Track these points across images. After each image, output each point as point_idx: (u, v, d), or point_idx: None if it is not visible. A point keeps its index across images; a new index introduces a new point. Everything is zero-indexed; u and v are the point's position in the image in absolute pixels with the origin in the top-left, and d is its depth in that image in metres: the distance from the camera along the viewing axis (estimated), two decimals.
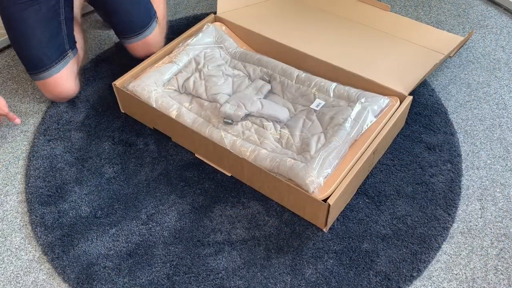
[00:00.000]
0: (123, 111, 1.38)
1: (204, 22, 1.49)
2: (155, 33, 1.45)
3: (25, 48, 1.28)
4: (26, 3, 1.25)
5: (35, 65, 1.30)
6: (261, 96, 1.26)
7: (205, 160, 1.24)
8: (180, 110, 1.24)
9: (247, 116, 1.22)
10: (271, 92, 1.30)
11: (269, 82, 1.31)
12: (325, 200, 1.02)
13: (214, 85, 1.28)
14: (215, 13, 1.51)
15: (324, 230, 1.09)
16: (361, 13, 1.53)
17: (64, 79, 1.34)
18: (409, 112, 1.35)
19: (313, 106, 1.24)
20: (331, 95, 1.25)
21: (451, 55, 1.44)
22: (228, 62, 1.39)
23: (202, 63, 1.37)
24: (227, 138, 1.16)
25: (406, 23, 1.48)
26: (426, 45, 1.41)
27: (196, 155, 1.26)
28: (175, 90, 1.32)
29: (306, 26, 1.50)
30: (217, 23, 1.48)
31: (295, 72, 1.31)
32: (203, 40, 1.42)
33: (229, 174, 1.21)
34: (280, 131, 1.19)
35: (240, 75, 1.34)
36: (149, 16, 1.44)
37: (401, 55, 1.37)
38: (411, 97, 1.23)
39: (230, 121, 1.19)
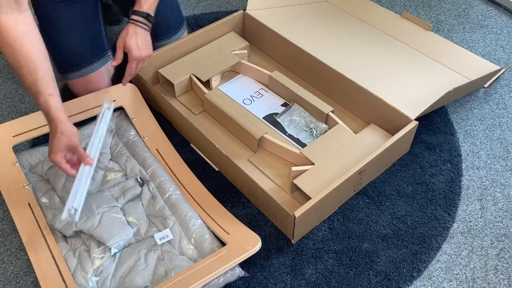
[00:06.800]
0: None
1: (233, 16, 1.48)
2: (185, 35, 1.45)
3: (65, 45, 1.22)
4: (67, 1, 1.24)
5: (76, 61, 1.27)
6: (123, 201, 1.09)
7: (198, 151, 1.25)
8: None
9: (81, 231, 1.04)
10: (138, 198, 1.12)
11: (142, 185, 1.13)
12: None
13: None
14: (244, 9, 1.51)
15: (292, 241, 1.08)
16: (400, 30, 1.47)
17: (102, 77, 1.32)
18: None
19: (157, 236, 1.04)
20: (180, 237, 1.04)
21: (485, 86, 1.42)
22: (114, 151, 1.22)
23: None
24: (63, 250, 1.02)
25: (444, 45, 1.42)
26: (458, 71, 1.35)
27: (191, 145, 1.27)
28: (40, 176, 1.17)
29: (336, 35, 1.47)
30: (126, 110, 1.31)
31: (170, 187, 1.12)
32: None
33: (217, 169, 1.22)
34: (105, 262, 1.00)
35: (114, 169, 1.17)
36: (181, 16, 1.45)
37: (427, 77, 1.32)
38: (416, 122, 1.16)
39: (60, 234, 1.05)
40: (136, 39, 1.17)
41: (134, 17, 1.18)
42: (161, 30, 1.41)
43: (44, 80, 0.96)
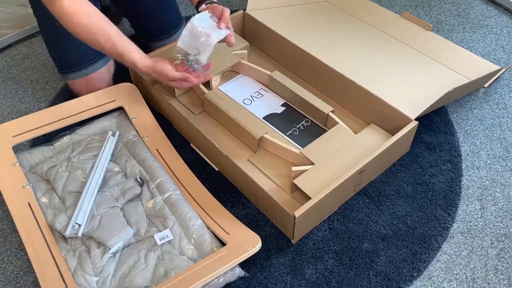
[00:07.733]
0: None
1: (233, 16, 1.47)
2: None
3: (68, 44, 1.21)
4: None
5: (79, 61, 1.27)
6: (123, 201, 1.09)
7: (198, 151, 1.26)
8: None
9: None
10: (138, 198, 1.12)
11: (142, 185, 1.13)
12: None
13: (75, 180, 1.13)
14: (244, 9, 1.51)
15: (292, 241, 1.08)
16: (400, 30, 1.47)
17: (103, 76, 1.32)
18: None
19: (157, 236, 1.04)
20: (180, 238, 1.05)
21: (485, 86, 1.42)
22: (115, 151, 1.22)
23: (76, 151, 1.20)
24: (62, 251, 1.02)
25: (444, 45, 1.42)
26: (458, 71, 1.34)
27: (191, 145, 1.28)
28: (40, 175, 1.17)
29: (336, 35, 1.46)
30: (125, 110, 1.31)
31: (170, 187, 1.12)
32: (100, 123, 1.28)
33: (217, 169, 1.22)
34: (105, 263, 0.99)
35: (114, 170, 1.17)
36: (180, 16, 1.45)
37: (427, 77, 1.32)
38: (416, 122, 1.16)
39: (59, 234, 1.05)
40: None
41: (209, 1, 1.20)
42: (159, 31, 1.41)
43: (119, 41, 1.08)
